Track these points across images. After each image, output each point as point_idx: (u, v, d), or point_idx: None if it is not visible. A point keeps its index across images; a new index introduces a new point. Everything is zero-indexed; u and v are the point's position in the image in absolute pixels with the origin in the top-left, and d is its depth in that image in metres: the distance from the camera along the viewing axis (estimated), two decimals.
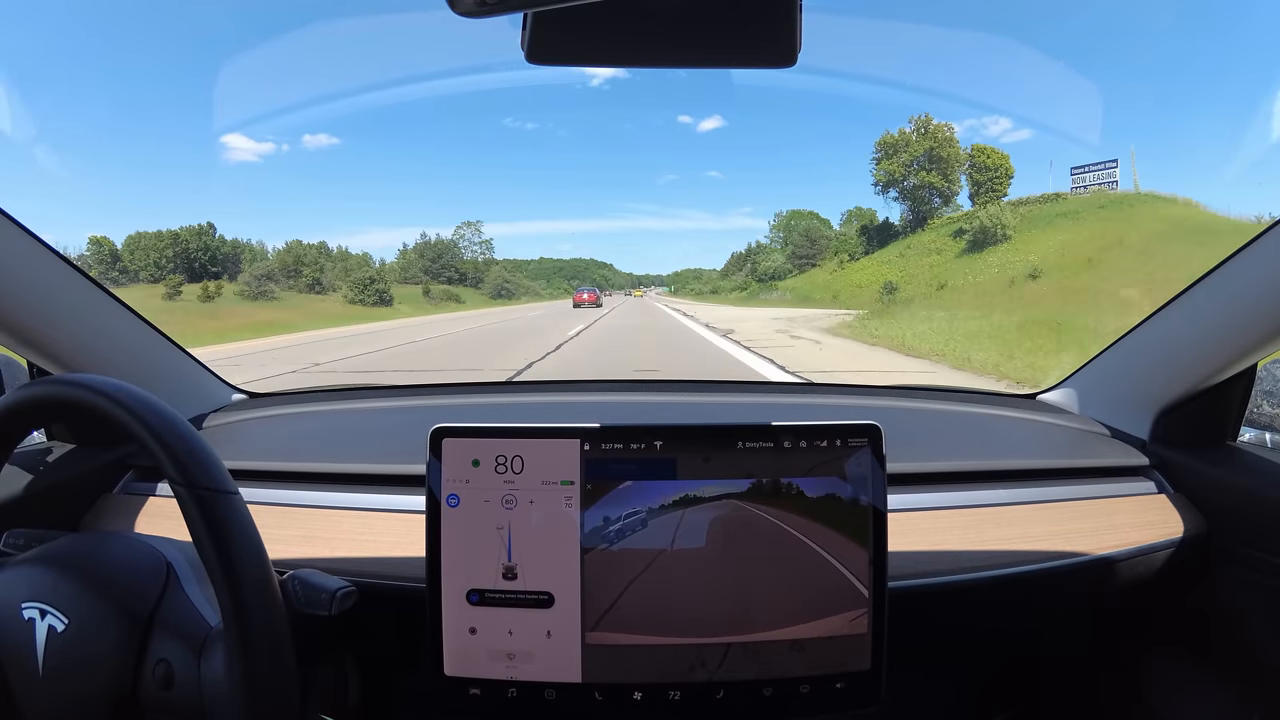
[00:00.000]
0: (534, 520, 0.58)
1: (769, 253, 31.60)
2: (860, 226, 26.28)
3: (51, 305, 0.79)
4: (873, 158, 24.79)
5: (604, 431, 0.59)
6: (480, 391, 1.33)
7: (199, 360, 1.07)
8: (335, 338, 11.21)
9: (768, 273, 29.55)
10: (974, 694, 0.97)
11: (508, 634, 0.58)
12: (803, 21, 0.46)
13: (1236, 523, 0.79)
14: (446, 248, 30.67)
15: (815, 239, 28.60)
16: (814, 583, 0.59)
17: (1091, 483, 0.86)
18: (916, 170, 23.79)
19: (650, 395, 1.23)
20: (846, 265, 24.98)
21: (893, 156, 24.30)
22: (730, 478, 0.59)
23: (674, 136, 55.66)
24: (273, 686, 0.49)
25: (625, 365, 6.62)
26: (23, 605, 0.52)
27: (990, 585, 0.73)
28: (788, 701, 0.59)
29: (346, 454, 0.88)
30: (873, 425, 0.60)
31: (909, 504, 0.78)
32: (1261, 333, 0.74)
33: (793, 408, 1.18)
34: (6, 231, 0.72)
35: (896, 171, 24.12)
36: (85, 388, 0.52)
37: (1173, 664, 0.87)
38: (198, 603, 0.56)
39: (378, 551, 0.72)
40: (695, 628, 0.58)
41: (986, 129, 35.34)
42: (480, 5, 0.40)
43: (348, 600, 0.55)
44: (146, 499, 0.82)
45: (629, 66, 0.53)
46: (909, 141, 24.27)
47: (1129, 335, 0.95)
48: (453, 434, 0.59)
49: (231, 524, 0.49)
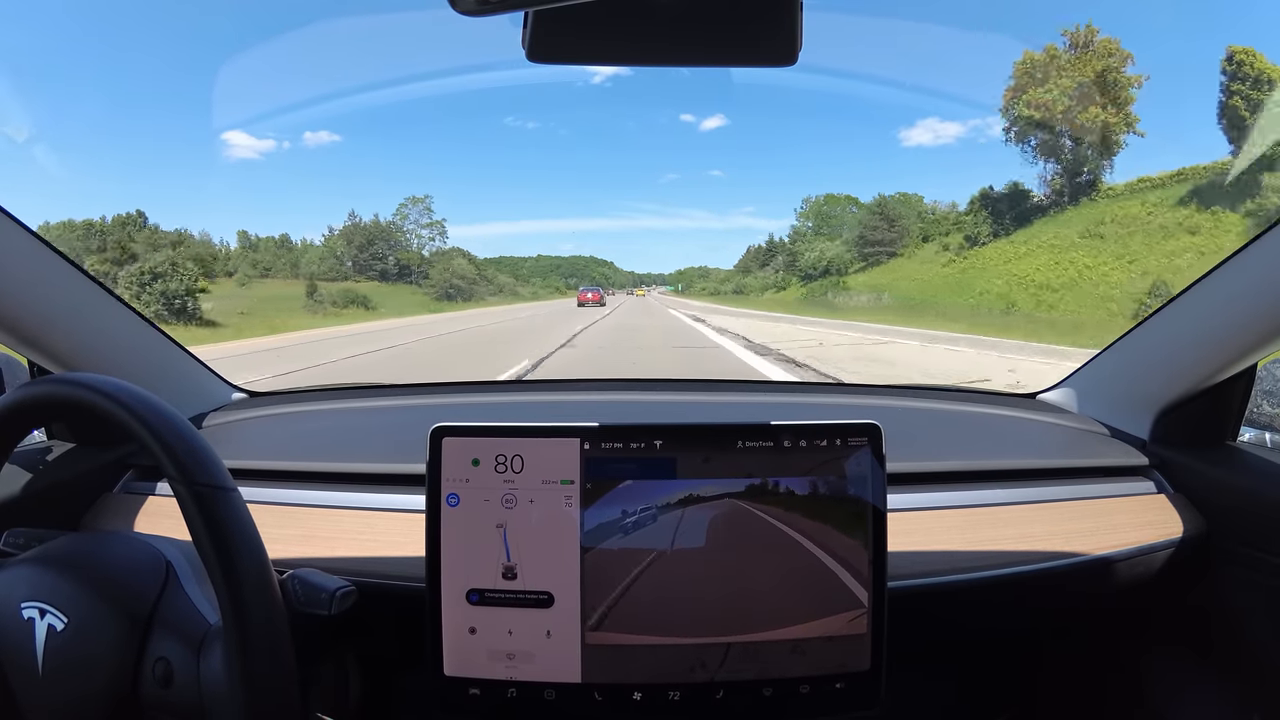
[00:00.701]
0: (534, 520, 0.58)
1: (811, 240, 24.82)
2: (979, 195, 17.96)
3: (51, 305, 0.79)
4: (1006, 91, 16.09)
5: (604, 431, 0.59)
6: (480, 391, 1.33)
7: (199, 359, 1.07)
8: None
9: (815, 266, 22.49)
10: (974, 694, 0.97)
11: (507, 634, 0.58)
12: (804, 20, 0.46)
13: (1236, 522, 0.79)
14: (382, 232, 23.47)
15: (894, 218, 20.38)
16: (814, 583, 0.59)
17: (1091, 482, 0.86)
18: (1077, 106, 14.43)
19: (650, 394, 1.23)
20: (970, 253, 16.80)
21: (1042, 84, 15.20)
22: (730, 477, 0.59)
23: (676, 135, 55.47)
24: (272, 685, 0.49)
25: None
26: (22, 605, 0.52)
27: (990, 585, 0.73)
28: (787, 702, 0.59)
29: (346, 453, 0.88)
30: (872, 425, 0.60)
31: (909, 504, 0.78)
32: (1261, 332, 0.74)
33: (792, 407, 1.18)
34: (6, 230, 0.72)
35: (1056, 104, 14.70)
36: (84, 386, 0.52)
37: (1173, 664, 0.87)
38: (197, 601, 0.56)
39: (378, 551, 0.72)
40: (695, 628, 0.58)
41: (991, 129, 32.70)
42: (481, 4, 0.40)
43: (347, 600, 0.55)
44: (146, 498, 0.82)
45: (629, 65, 0.53)
46: (1061, 65, 15.07)
47: (1129, 335, 0.95)
48: (452, 433, 0.59)
49: (230, 521, 0.49)
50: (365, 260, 22.37)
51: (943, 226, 19.10)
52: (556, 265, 44.27)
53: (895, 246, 19.62)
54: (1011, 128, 15.95)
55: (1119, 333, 0.97)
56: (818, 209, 26.28)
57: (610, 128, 54.58)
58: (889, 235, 19.81)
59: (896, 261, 19.05)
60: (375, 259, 22.63)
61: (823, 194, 27.02)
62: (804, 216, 26.81)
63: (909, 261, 18.55)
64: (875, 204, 21.75)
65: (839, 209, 25.39)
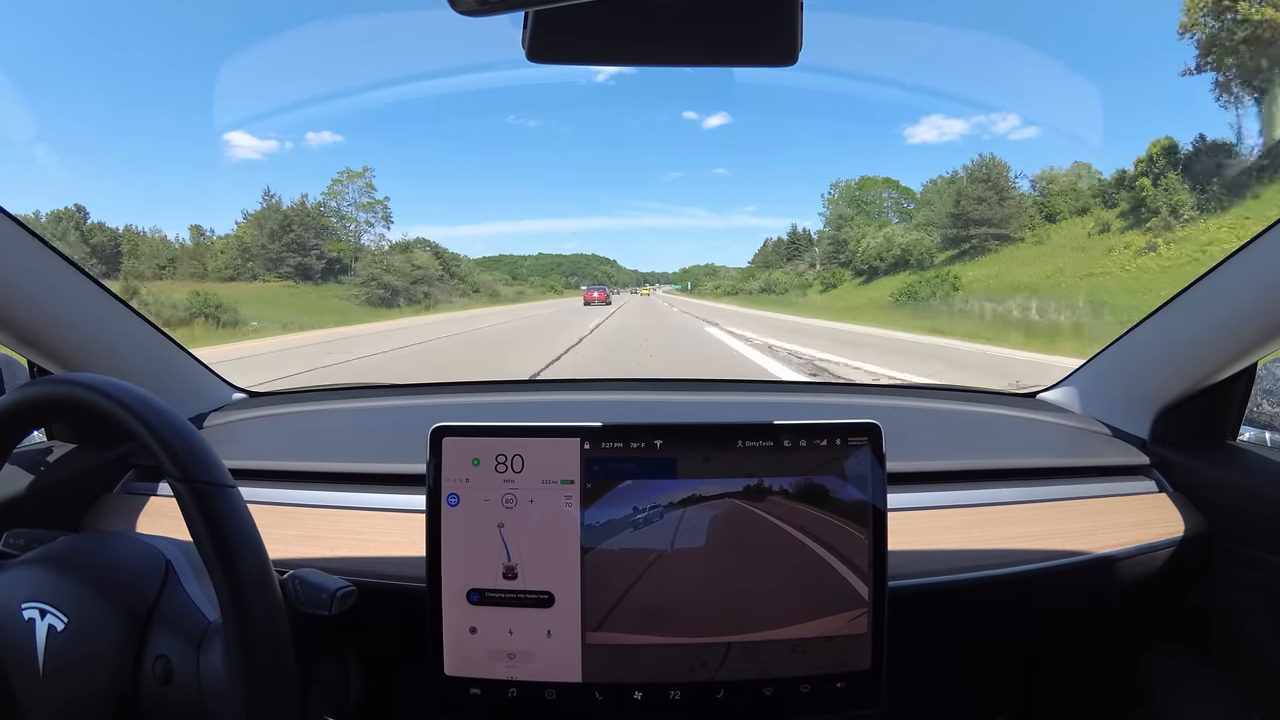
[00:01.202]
0: (534, 519, 0.58)
1: (861, 226, 19.92)
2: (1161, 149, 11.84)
3: (52, 305, 0.79)
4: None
5: (604, 430, 0.59)
6: (480, 390, 1.33)
7: (199, 359, 1.07)
8: None
9: (881, 256, 16.90)
10: (974, 693, 0.97)
11: (508, 633, 0.58)
12: (805, 20, 0.46)
13: (1237, 522, 0.79)
14: (304, 216, 17.25)
15: (1005, 193, 13.61)
16: (814, 582, 0.59)
17: (1091, 482, 0.86)
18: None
19: (650, 394, 1.23)
20: (1177, 232, 10.76)
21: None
22: (730, 477, 0.59)
23: (679, 133, 55.29)
24: (271, 680, 0.49)
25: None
26: (23, 605, 0.52)
27: (990, 584, 0.73)
28: (788, 701, 0.59)
29: (347, 453, 0.88)
30: (873, 424, 0.60)
31: (909, 503, 0.78)
32: (1261, 331, 0.74)
33: (793, 407, 1.18)
34: (6, 230, 0.72)
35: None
36: (83, 386, 0.52)
37: (1173, 663, 0.87)
38: (196, 599, 0.56)
39: (378, 551, 0.72)
40: (695, 627, 0.58)
41: (995, 125, 30.17)
42: (481, 4, 0.40)
43: (348, 600, 0.55)
44: (147, 498, 0.82)
45: (629, 65, 0.53)
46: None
47: (1129, 334, 0.95)
48: (452, 433, 0.59)
49: (228, 518, 0.49)
50: (278, 252, 16.42)
51: (1075, 200, 12.85)
52: (557, 264, 43.69)
53: (1009, 227, 13.12)
54: (1206, 57, 10.11)
55: None
56: (850, 194, 22.16)
57: (613, 126, 54.49)
58: (999, 213, 13.29)
59: (1014, 248, 12.90)
60: (292, 250, 16.53)
61: (854, 178, 22.80)
62: (834, 204, 22.47)
63: (1035, 248, 12.53)
64: (979, 168, 14.53)
65: (875, 194, 21.42)
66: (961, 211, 14.50)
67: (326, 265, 17.28)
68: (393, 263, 17.49)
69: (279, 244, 16.72)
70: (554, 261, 43.71)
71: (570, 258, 45.63)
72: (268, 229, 16.85)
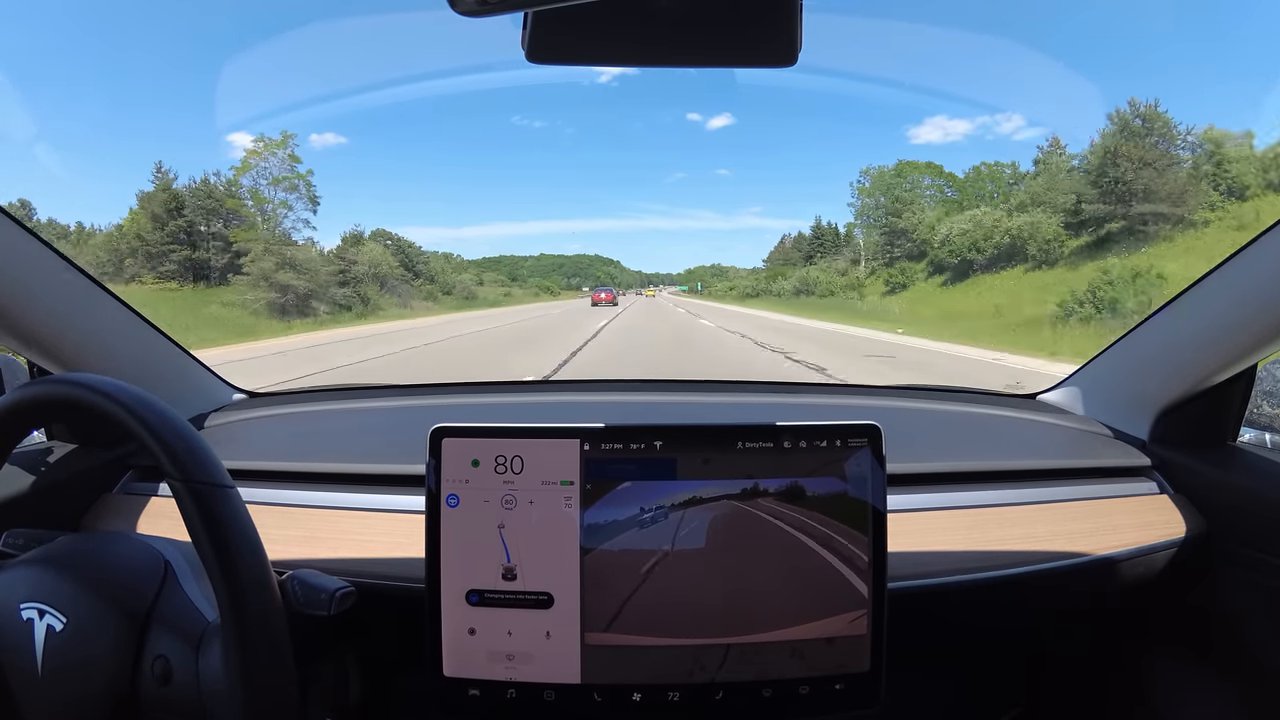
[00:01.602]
0: (533, 520, 0.58)
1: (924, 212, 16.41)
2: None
3: (52, 305, 0.79)
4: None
5: (604, 431, 0.59)
6: (480, 391, 1.33)
7: (199, 360, 1.07)
8: None
9: (980, 247, 12.73)
10: (974, 695, 0.97)
11: (507, 634, 0.58)
12: (807, 22, 0.46)
13: (1237, 523, 0.79)
14: (201, 196, 12.93)
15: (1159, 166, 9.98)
16: (814, 584, 0.59)
17: (1092, 483, 0.85)
18: None
19: (650, 395, 1.23)
20: None
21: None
22: (730, 478, 0.59)
23: (683, 134, 55.18)
24: (270, 679, 0.49)
25: None
26: (21, 606, 0.52)
27: (990, 586, 0.73)
28: (787, 703, 0.59)
29: (347, 454, 0.88)
30: (873, 425, 0.60)
31: (909, 504, 0.78)
32: (1261, 333, 0.74)
33: (793, 408, 1.18)
34: (6, 230, 0.72)
35: None
36: (83, 386, 0.52)
37: (1174, 664, 0.87)
38: (195, 599, 0.56)
39: (377, 552, 0.72)
40: (695, 629, 0.58)
41: (999, 126, 29.10)
42: (481, 4, 0.40)
43: (347, 601, 0.55)
44: (147, 499, 0.82)
45: (629, 65, 0.53)
46: None
47: (1129, 335, 0.95)
48: (452, 434, 0.59)
49: (227, 518, 0.49)
50: (161, 245, 12.18)
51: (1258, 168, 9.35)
52: (559, 264, 43.32)
53: (1184, 205, 9.74)
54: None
55: None
56: (885, 182, 19.17)
57: (616, 127, 54.39)
58: (1161, 185, 9.76)
59: (1192, 235, 9.57)
60: (177, 241, 12.21)
61: (890, 164, 19.68)
62: (867, 193, 19.50)
63: (1235, 234, 8.85)
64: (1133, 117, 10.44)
65: (915, 179, 18.65)
66: (1115, 180, 10.39)
67: (229, 261, 12.83)
68: (296, 256, 12.99)
69: (162, 233, 12.53)
70: (556, 262, 43.53)
71: (573, 258, 45.46)
72: (151, 211, 12.66)
